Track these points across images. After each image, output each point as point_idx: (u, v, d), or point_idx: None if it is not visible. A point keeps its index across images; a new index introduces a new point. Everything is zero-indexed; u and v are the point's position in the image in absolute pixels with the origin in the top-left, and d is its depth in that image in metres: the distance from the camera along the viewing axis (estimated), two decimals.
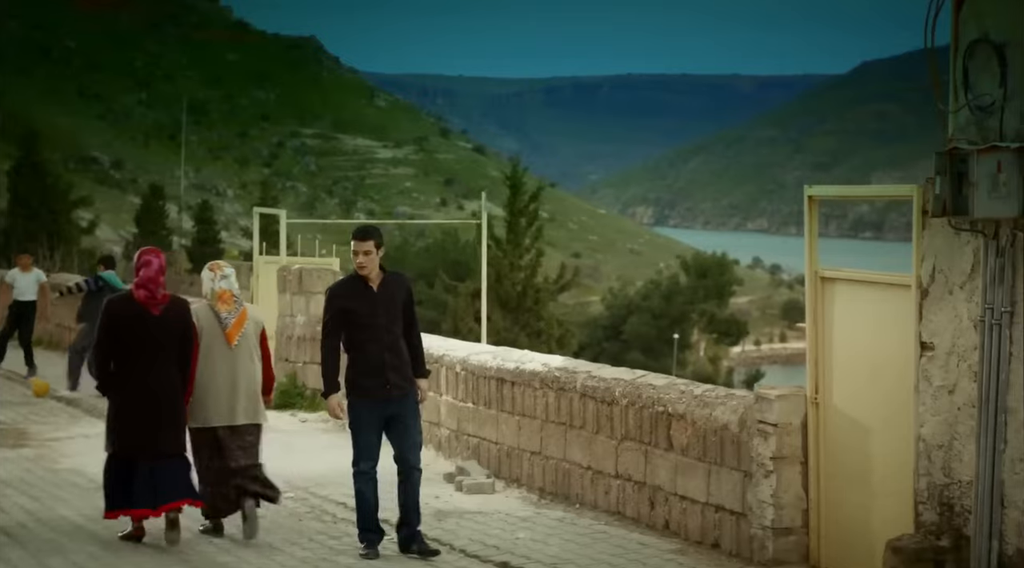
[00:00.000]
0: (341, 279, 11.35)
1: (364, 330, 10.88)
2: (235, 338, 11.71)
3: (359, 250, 10.89)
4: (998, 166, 8.99)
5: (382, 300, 10.92)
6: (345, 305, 10.90)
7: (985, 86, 9.43)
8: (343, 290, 11.05)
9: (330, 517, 12.83)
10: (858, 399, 10.46)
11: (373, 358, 10.89)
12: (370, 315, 10.86)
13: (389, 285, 10.99)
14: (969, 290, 9.55)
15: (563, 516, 12.69)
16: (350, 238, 10.94)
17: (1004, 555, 9.29)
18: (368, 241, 10.88)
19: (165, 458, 11.43)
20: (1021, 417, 9.19)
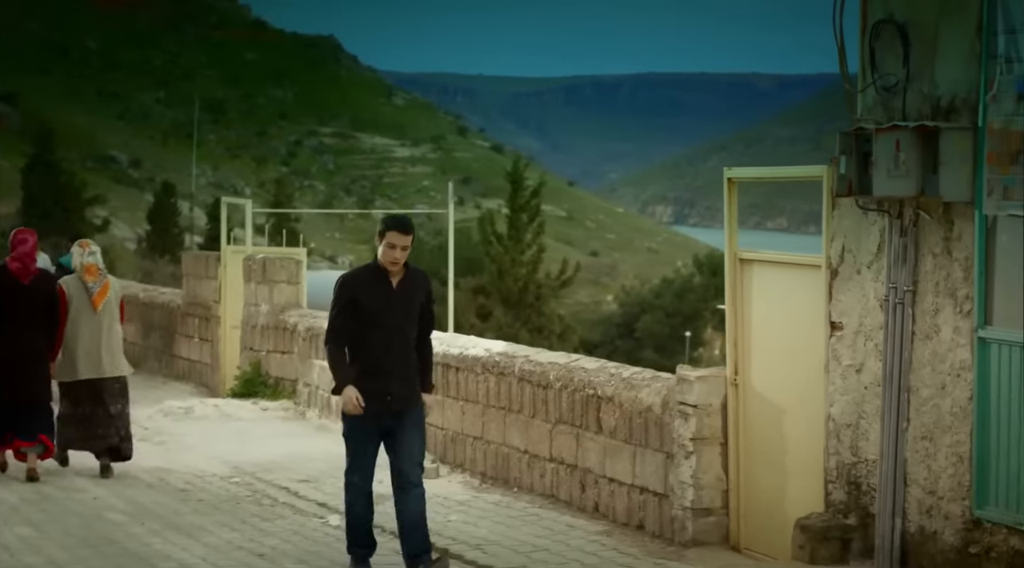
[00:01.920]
0: (356, 268, 9.97)
1: (374, 329, 9.50)
2: (100, 304, 13.88)
3: (398, 244, 9.43)
4: (897, 145, 9.03)
5: (400, 297, 9.56)
6: (357, 296, 9.50)
7: (890, 66, 9.48)
8: (357, 280, 9.67)
9: (269, 501, 12.91)
10: (775, 380, 10.51)
11: (378, 362, 9.52)
12: (383, 312, 9.50)
13: (409, 282, 9.62)
14: (876, 270, 9.60)
15: (500, 500, 12.75)
16: (381, 228, 9.52)
17: (907, 532, 9.34)
18: (410, 235, 9.50)
19: (29, 404, 13.50)
20: (923, 395, 9.23)
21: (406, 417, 9.66)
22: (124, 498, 12.87)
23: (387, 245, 9.43)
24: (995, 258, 8.79)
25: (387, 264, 9.46)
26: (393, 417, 9.61)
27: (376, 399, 9.52)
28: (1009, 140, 8.64)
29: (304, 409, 17.53)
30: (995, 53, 8.70)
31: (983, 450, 8.82)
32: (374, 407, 9.51)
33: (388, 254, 9.45)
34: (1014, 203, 8.59)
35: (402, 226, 9.51)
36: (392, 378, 9.53)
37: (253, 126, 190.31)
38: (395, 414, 9.60)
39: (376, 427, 9.62)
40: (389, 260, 9.46)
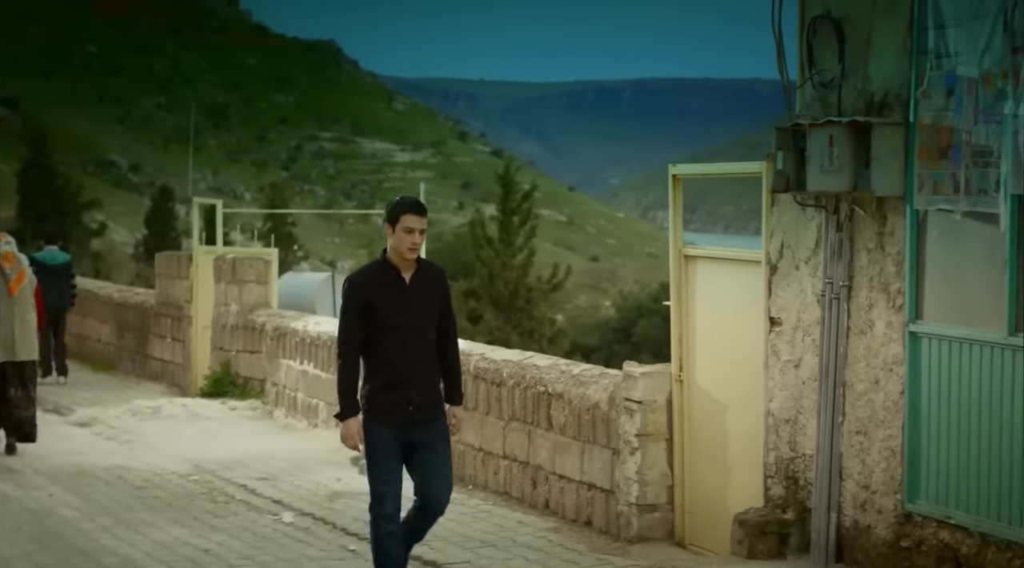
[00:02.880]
0: (364, 266, 8.85)
1: (388, 332, 8.46)
2: (16, 290, 14.53)
3: (415, 227, 8.42)
4: (830, 140, 9.06)
5: (415, 295, 8.53)
6: (368, 299, 8.44)
7: (827, 62, 9.52)
8: (366, 279, 8.57)
9: (224, 498, 12.94)
10: (718, 375, 10.54)
11: (396, 369, 8.49)
12: (398, 313, 8.46)
13: (423, 277, 8.59)
14: (813, 265, 9.63)
15: (454, 497, 12.74)
16: (393, 213, 8.48)
17: (842, 527, 9.37)
18: (425, 217, 8.53)
19: None
20: (858, 390, 9.26)
21: (432, 430, 8.62)
22: (79, 495, 12.91)
23: (403, 230, 8.39)
24: (926, 253, 8.83)
25: (405, 252, 8.38)
26: (417, 430, 8.56)
27: (397, 410, 8.50)
28: (939, 135, 8.67)
29: (272, 408, 17.56)
30: (926, 49, 8.74)
31: (914, 444, 8.85)
32: (395, 420, 8.49)
33: (405, 240, 8.38)
34: (944, 198, 8.62)
35: (417, 207, 8.51)
36: (412, 386, 8.51)
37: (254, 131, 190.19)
38: (419, 426, 8.56)
39: (400, 442, 8.55)
40: (408, 246, 8.38)
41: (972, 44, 8.42)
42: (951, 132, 8.57)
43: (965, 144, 8.47)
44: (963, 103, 8.50)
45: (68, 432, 16.76)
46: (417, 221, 8.46)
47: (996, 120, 8.27)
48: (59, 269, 21.37)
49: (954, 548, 8.57)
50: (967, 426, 8.48)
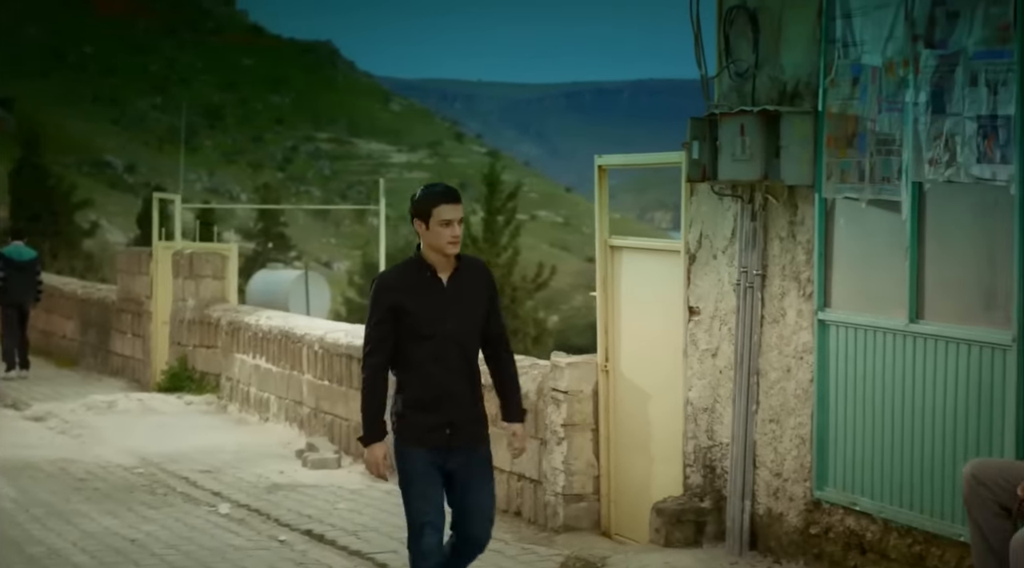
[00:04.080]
0: (395, 266, 7.68)
1: (423, 342, 7.32)
2: None
3: (452, 217, 7.27)
4: (741, 130, 9.10)
5: (454, 298, 7.36)
6: (400, 302, 7.31)
7: (742, 52, 9.56)
8: (398, 280, 7.42)
9: (164, 490, 12.99)
10: (642, 365, 10.58)
11: (432, 386, 7.36)
12: (434, 320, 7.31)
13: (464, 277, 7.44)
14: (730, 254, 9.67)
15: (392, 489, 12.74)
16: (424, 205, 7.30)
17: (756, 515, 9.41)
18: (461, 204, 7.41)
19: None
20: (771, 378, 9.30)
21: (472, 457, 7.52)
22: (19, 488, 12.96)
23: (440, 224, 7.24)
24: (834, 241, 8.87)
25: (446, 248, 7.25)
26: (455, 457, 7.44)
27: (433, 434, 7.37)
28: (845, 124, 8.71)
29: (226, 403, 17.61)
30: (834, 38, 8.78)
31: (823, 432, 8.88)
32: (431, 442, 7.38)
33: (445, 235, 7.25)
34: (850, 186, 8.66)
35: (450, 194, 7.36)
36: (451, 405, 7.36)
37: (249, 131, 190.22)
38: (457, 453, 7.43)
39: (439, 472, 7.44)
40: (448, 240, 7.24)
41: (876, 33, 8.47)
42: (857, 121, 8.61)
43: (870, 132, 8.51)
44: (868, 92, 8.54)
45: (22, 426, 16.82)
46: (453, 210, 7.28)
47: (898, 108, 8.31)
48: (26, 265, 21.52)
49: (859, 534, 8.61)
50: (871, 413, 8.52)
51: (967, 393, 7.85)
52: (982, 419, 7.75)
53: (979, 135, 7.73)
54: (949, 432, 7.98)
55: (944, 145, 7.95)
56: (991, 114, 7.67)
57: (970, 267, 7.90)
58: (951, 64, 7.92)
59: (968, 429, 7.85)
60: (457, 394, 7.42)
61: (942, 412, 8.01)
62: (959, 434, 7.91)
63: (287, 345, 15.71)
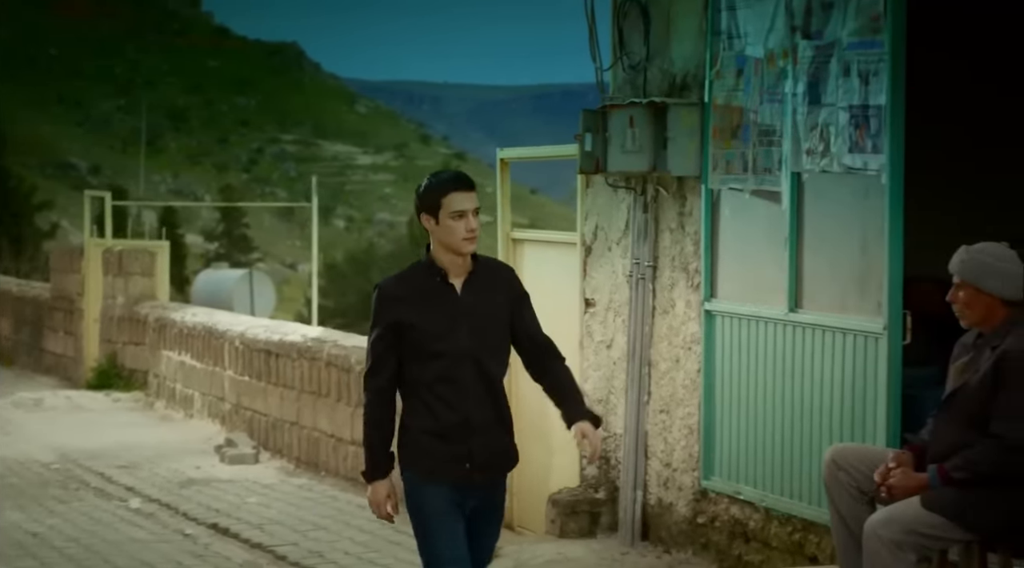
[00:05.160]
0: (399, 273, 6.28)
1: (432, 361, 6.06)
2: None
3: (467, 208, 6.00)
4: (630, 121, 9.14)
5: (468, 308, 6.09)
6: (403, 315, 6.04)
7: (635, 45, 9.61)
8: (401, 288, 6.11)
9: (77, 485, 12.98)
10: None
11: (446, 412, 6.07)
12: (446, 335, 6.05)
13: (482, 282, 6.14)
14: (624, 246, 9.72)
15: (305, 483, 12.86)
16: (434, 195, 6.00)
17: (647, 505, 9.46)
18: (475, 192, 6.11)
19: None
20: (662, 369, 9.35)
21: (490, 498, 6.21)
22: None
23: (452, 216, 5.97)
24: (719, 232, 8.92)
25: (461, 245, 6.00)
26: (474, 495, 6.11)
27: (450, 467, 6.07)
28: (730, 115, 8.77)
29: (153, 400, 17.60)
30: (719, 30, 8.84)
31: (709, 422, 8.94)
32: (449, 480, 6.06)
33: (459, 229, 5.98)
34: (734, 177, 8.72)
35: (463, 181, 6.12)
36: (471, 435, 6.07)
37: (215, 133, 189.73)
38: (476, 491, 6.11)
39: (459, 509, 6.11)
40: (464, 236, 5.99)
41: (759, 25, 8.53)
42: (741, 112, 8.68)
43: (753, 123, 8.58)
44: (751, 83, 8.61)
45: None
46: (466, 198, 6.00)
47: (778, 99, 8.38)
48: None
49: (743, 523, 8.67)
50: (753, 402, 8.58)
51: (842, 381, 7.92)
52: (856, 406, 7.82)
53: (851, 125, 7.81)
54: (826, 420, 8.04)
55: (819, 135, 8.03)
56: (863, 104, 7.74)
57: (845, 256, 7.97)
58: (826, 55, 7.99)
59: (843, 417, 7.92)
60: (476, 421, 6.05)
61: (819, 400, 8.08)
62: (835, 422, 7.98)
63: (210, 341, 15.72)
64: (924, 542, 6.51)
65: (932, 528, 6.47)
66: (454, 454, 6.06)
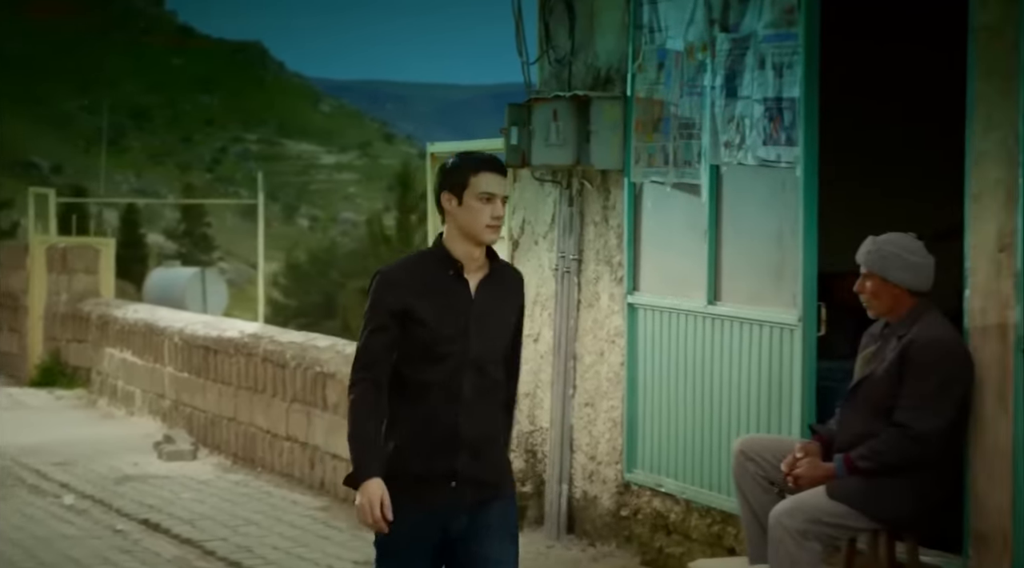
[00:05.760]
0: (404, 258, 5.63)
1: (434, 364, 5.38)
2: None
3: (496, 192, 5.36)
4: (554, 115, 9.15)
5: (482, 309, 5.42)
6: (410, 306, 5.33)
7: (561, 39, 9.63)
8: (409, 276, 5.41)
9: (12, 481, 12.89)
10: None
11: (437, 422, 5.39)
12: (455, 337, 5.37)
13: (498, 284, 5.49)
14: (550, 240, 9.73)
15: (241, 480, 12.82)
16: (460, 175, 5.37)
17: (573, 498, 9.47)
18: (507, 179, 5.48)
19: None
20: (587, 362, 9.36)
21: (487, 518, 5.44)
22: None
23: (479, 197, 5.33)
24: (642, 225, 8.94)
25: (483, 234, 5.33)
26: (462, 517, 5.41)
27: (432, 486, 5.38)
28: (652, 108, 8.80)
29: (96, 397, 17.53)
30: (641, 23, 8.86)
31: (632, 415, 8.95)
32: (429, 499, 5.38)
33: (483, 214, 5.32)
34: (656, 170, 8.75)
35: (497, 163, 5.43)
36: (461, 449, 5.39)
37: (178, 132, 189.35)
38: (466, 512, 5.41)
39: (431, 535, 5.41)
40: (488, 222, 5.33)
41: (679, 18, 8.56)
42: (662, 105, 8.71)
43: (673, 117, 8.61)
44: (672, 76, 8.64)
45: None
46: (498, 183, 5.38)
47: (697, 92, 8.41)
48: None
49: (665, 516, 8.69)
50: (674, 395, 8.60)
51: (759, 373, 7.95)
52: (772, 398, 7.85)
53: (766, 118, 7.84)
54: (743, 412, 8.07)
55: (736, 128, 8.06)
56: (777, 97, 7.77)
57: (761, 249, 8.00)
58: (743, 47, 8.02)
59: (759, 408, 7.95)
60: (466, 434, 5.37)
61: (736, 392, 8.11)
62: (751, 414, 8.01)
63: (151, 338, 15.67)
64: (829, 531, 6.56)
65: (837, 517, 6.52)
66: (438, 470, 5.36)
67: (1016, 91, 6.45)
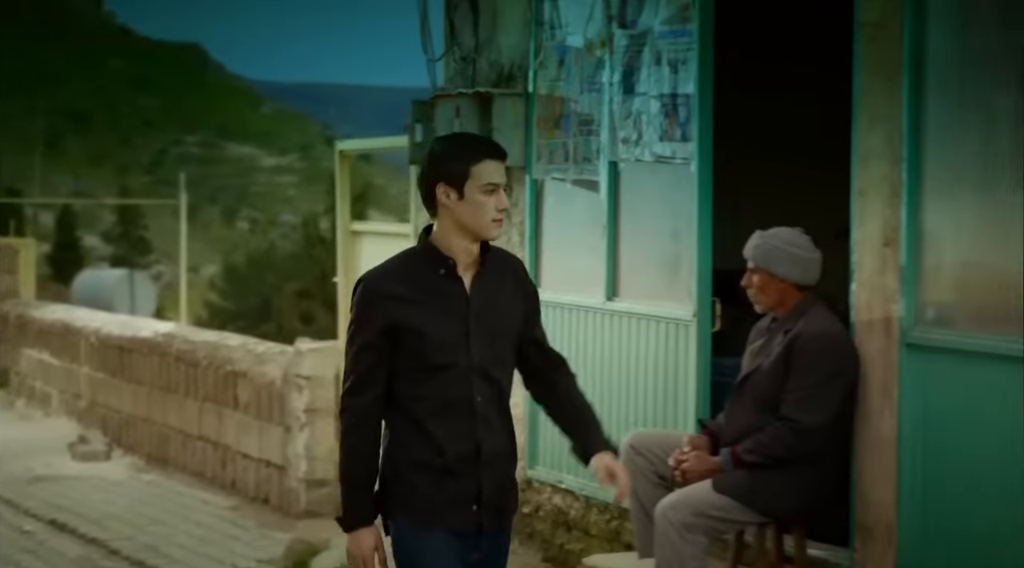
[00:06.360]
0: (388, 261, 4.96)
1: (435, 376, 4.77)
2: None
3: (499, 182, 4.79)
4: (457, 112, 9.14)
5: (481, 310, 4.82)
6: (402, 317, 4.75)
7: (466, 36, 9.61)
8: (397, 284, 4.82)
9: None
10: None
11: (448, 439, 4.77)
12: (456, 344, 4.78)
13: (492, 277, 4.87)
14: None
15: (153, 480, 12.78)
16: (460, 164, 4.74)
17: None
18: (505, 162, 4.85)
19: None
20: None
21: (499, 547, 4.93)
22: None
23: (482, 189, 4.74)
24: (544, 222, 8.94)
25: (486, 229, 4.76)
26: (480, 545, 4.83)
27: (454, 510, 4.76)
28: (553, 105, 8.79)
29: (14, 398, 17.42)
30: (542, 20, 8.86)
31: (534, 411, 8.93)
32: (453, 526, 4.76)
33: (487, 208, 4.75)
34: (557, 166, 8.75)
35: (499, 148, 4.86)
36: (480, 464, 4.80)
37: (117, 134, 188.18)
38: (485, 539, 4.83)
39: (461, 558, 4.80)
40: (495, 214, 4.75)
41: (579, 14, 8.56)
42: (563, 102, 8.70)
43: (574, 113, 8.61)
44: (572, 73, 8.63)
45: None
46: (501, 171, 4.80)
47: (596, 89, 8.41)
48: None
49: (565, 512, 8.69)
50: None
51: (655, 368, 7.96)
52: (668, 393, 7.86)
53: (662, 114, 7.85)
54: (641, 407, 8.08)
55: (633, 125, 8.06)
56: (672, 93, 7.78)
57: (658, 245, 8.02)
58: (640, 44, 8.03)
59: (656, 403, 7.96)
60: (486, 450, 4.79)
61: (634, 388, 8.12)
62: (648, 409, 8.02)
63: (67, 338, 15.58)
64: (714, 524, 6.56)
65: (722, 511, 6.53)
66: (458, 493, 4.74)
67: (899, 87, 6.47)
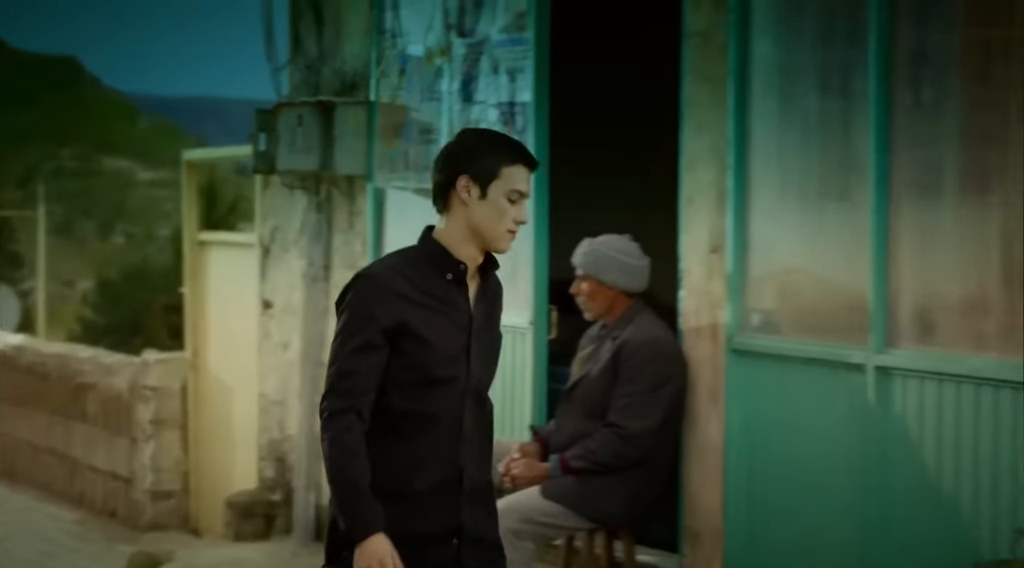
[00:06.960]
0: (388, 258, 4.47)
1: (432, 390, 4.23)
2: None
3: (524, 191, 4.24)
4: (299, 120, 9.10)
5: (479, 324, 4.33)
6: (405, 317, 4.20)
7: (311, 45, 9.59)
8: (402, 282, 4.24)
9: None
10: (226, 360, 10.56)
11: (440, 464, 4.24)
12: (457, 356, 4.27)
13: (488, 294, 4.38)
14: (302, 247, 9.66)
15: (1, 494, 12.59)
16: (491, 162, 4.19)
17: (320, 507, 9.40)
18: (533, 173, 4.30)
19: None
20: None
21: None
22: None
23: (508, 194, 4.21)
24: (386, 231, 8.94)
25: (499, 240, 4.23)
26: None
27: (431, 547, 4.24)
28: (394, 114, 8.79)
29: None
30: (384, 29, 8.86)
31: None
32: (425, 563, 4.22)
33: (507, 215, 4.21)
34: (398, 175, 8.74)
35: (532, 157, 4.28)
36: (463, 494, 4.27)
37: None
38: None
39: None
40: (511, 225, 4.22)
41: (419, 23, 8.57)
42: (404, 110, 8.70)
43: (414, 122, 8.61)
44: (413, 82, 8.64)
45: None
46: (529, 181, 4.27)
47: (436, 98, 8.42)
48: None
49: None
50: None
51: (502, 378, 7.95)
52: (505, 401, 7.86)
53: (500, 122, 7.87)
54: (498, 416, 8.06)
55: None
56: (510, 101, 7.81)
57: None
58: (478, 52, 8.06)
59: (504, 411, 7.95)
60: (471, 480, 4.26)
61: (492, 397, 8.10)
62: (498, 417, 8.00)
63: None
64: (543, 531, 6.57)
65: (551, 516, 6.54)
66: (437, 527, 4.22)
67: (724, 95, 6.55)
